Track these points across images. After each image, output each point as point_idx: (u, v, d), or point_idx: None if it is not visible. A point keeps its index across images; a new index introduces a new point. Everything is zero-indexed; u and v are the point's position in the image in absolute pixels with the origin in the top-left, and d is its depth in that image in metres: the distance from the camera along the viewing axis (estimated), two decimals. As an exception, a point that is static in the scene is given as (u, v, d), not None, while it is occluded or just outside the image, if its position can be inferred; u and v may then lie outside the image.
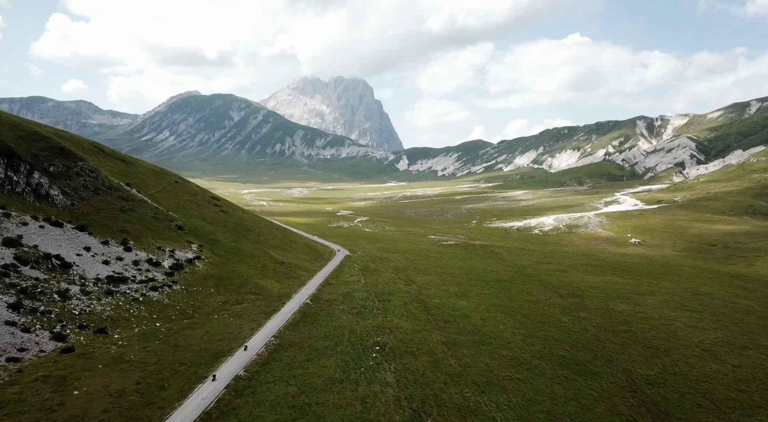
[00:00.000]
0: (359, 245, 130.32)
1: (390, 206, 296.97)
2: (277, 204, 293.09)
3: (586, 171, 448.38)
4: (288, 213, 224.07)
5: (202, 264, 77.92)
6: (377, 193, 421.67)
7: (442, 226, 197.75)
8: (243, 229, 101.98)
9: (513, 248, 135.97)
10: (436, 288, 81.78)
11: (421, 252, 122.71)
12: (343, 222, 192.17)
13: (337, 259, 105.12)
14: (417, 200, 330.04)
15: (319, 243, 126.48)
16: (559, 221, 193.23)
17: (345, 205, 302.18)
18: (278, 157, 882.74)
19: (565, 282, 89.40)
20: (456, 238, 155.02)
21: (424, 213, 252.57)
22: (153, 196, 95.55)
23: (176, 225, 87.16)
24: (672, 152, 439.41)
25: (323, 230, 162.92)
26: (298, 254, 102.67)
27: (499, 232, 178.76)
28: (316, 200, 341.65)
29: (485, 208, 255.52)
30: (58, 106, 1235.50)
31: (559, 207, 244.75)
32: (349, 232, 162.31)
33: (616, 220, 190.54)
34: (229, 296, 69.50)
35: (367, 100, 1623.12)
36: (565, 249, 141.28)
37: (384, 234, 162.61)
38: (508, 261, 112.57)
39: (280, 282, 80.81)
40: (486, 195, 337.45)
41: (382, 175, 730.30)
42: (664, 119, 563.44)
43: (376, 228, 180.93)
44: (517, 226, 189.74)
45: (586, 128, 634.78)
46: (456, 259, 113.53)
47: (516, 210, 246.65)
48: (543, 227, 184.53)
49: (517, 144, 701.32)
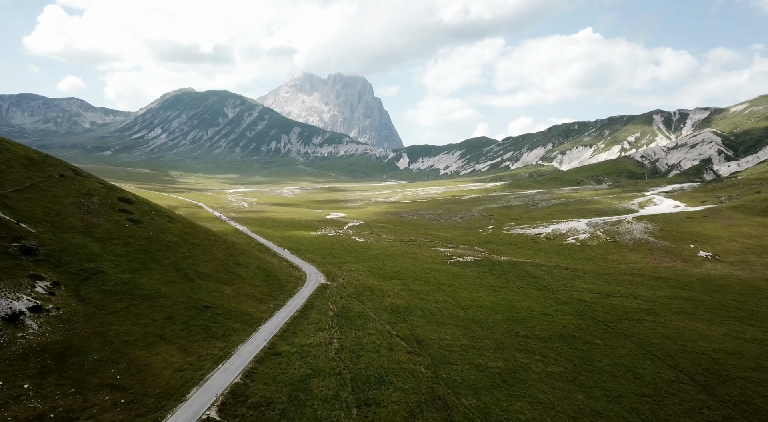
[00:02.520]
0: (344, 264, 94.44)
1: (389, 208, 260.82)
2: (260, 205, 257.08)
3: (602, 168, 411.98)
4: (266, 218, 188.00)
5: (42, 321, 42.10)
6: (375, 193, 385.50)
7: (453, 233, 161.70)
8: (159, 249, 66.01)
9: (553, 267, 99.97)
10: (463, 362, 45.99)
11: (431, 276, 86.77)
12: (330, 229, 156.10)
13: (303, 293, 69.20)
14: (419, 201, 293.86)
15: (286, 263, 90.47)
16: (594, 227, 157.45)
17: (337, 206, 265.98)
18: (273, 155, 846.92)
19: (674, 340, 53.60)
20: (473, 251, 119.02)
21: (429, 216, 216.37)
22: (5, 196, 59.57)
23: (20, 248, 51.19)
24: (696, 148, 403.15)
25: (301, 241, 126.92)
26: (244, 286, 66.67)
27: (525, 242, 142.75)
28: (306, 201, 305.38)
29: (499, 210, 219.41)
30: (48, 103, 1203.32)
31: (586, 209, 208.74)
32: (334, 243, 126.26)
33: (663, 225, 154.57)
34: (55, 402, 33.66)
35: (367, 98, 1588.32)
36: (622, 268, 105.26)
37: (380, 245, 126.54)
38: (558, 293, 76.63)
39: (186, 352, 44.95)
40: (497, 195, 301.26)
41: (381, 173, 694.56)
42: (682, 113, 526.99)
43: (371, 236, 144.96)
44: (545, 233, 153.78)
45: (598, 123, 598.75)
46: (482, 290, 77.55)
47: (536, 212, 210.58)
48: (577, 235, 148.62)
49: (523, 141, 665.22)
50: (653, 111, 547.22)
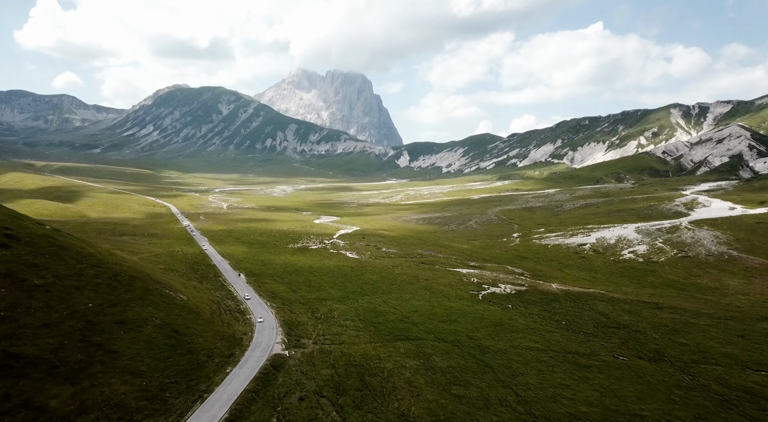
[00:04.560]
0: (323, 303, 61.22)
1: (389, 210, 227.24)
2: (242, 207, 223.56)
3: (621, 165, 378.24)
4: (238, 227, 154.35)
5: None
6: (374, 193, 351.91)
7: (472, 244, 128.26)
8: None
9: (636, 303, 66.66)
10: None
11: (460, 330, 53.66)
12: (315, 240, 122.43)
13: (229, 389, 35.63)
14: (424, 202, 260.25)
15: (230, 303, 57.04)
16: (647, 235, 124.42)
17: (330, 209, 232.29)
18: (268, 153, 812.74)
19: None
20: (509, 275, 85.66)
21: (438, 220, 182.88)
22: None
23: None
24: (724, 143, 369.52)
25: (269, 260, 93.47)
26: (108, 379, 33.29)
27: (569, 257, 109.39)
28: (296, 202, 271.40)
29: (520, 213, 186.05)
30: (38, 100, 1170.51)
31: (622, 211, 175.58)
32: (316, 263, 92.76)
33: (735, 233, 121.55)
34: None
35: (366, 95, 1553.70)
36: (741, 305, 71.85)
37: (378, 265, 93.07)
38: (691, 369, 43.29)
39: None
40: (510, 194, 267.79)
41: (380, 171, 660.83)
42: (702, 107, 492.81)
43: (366, 249, 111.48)
44: (589, 244, 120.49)
45: (610, 118, 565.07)
46: (560, 368, 44.36)
47: (563, 215, 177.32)
48: (632, 246, 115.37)
49: (530, 137, 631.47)
50: (671, 105, 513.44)
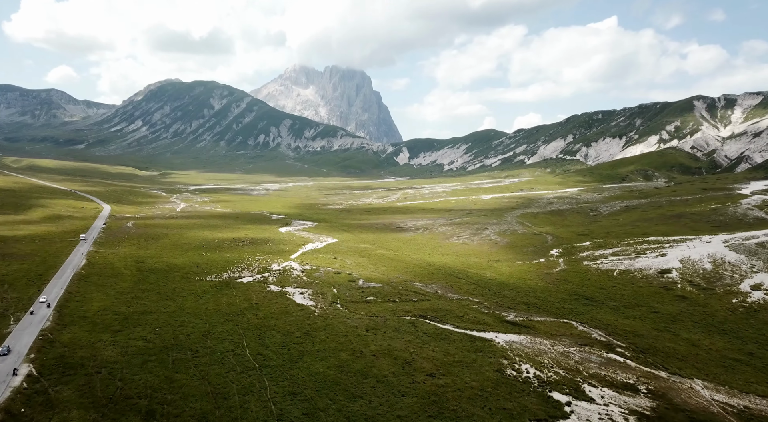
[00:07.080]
0: None
1: (381, 214, 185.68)
2: (202, 208, 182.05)
3: (646, 161, 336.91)
4: (172, 227, 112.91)
5: None
6: (368, 191, 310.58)
7: (497, 271, 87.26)
8: None
9: None
10: None
11: None
12: (253, 268, 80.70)
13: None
14: (425, 202, 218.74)
15: None
16: (753, 255, 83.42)
17: (307, 213, 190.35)
18: (261, 150, 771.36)
19: None
20: (591, 354, 45.30)
21: (443, 228, 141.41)
22: None
23: None
24: (762, 137, 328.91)
25: (140, 317, 51.82)
26: None
27: (660, 297, 68.74)
28: (272, 203, 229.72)
29: (547, 219, 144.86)
30: (26, 94, 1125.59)
31: (682, 216, 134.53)
32: (212, 330, 51.11)
33: None
34: None
35: (365, 91, 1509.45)
36: None
37: (337, 331, 52.03)
38: None
39: None
40: (526, 194, 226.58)
41: (378, 169, 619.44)
42: (728, 99, 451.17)
43: (331, 286, 70.43)
44: (674, 270, 79.66)
45: (626, 112, 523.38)
46: None
47: (606, 222, 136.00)
48: (748, 276, 74.31)
49: (538, 133, 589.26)
50: (693, 97, 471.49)
